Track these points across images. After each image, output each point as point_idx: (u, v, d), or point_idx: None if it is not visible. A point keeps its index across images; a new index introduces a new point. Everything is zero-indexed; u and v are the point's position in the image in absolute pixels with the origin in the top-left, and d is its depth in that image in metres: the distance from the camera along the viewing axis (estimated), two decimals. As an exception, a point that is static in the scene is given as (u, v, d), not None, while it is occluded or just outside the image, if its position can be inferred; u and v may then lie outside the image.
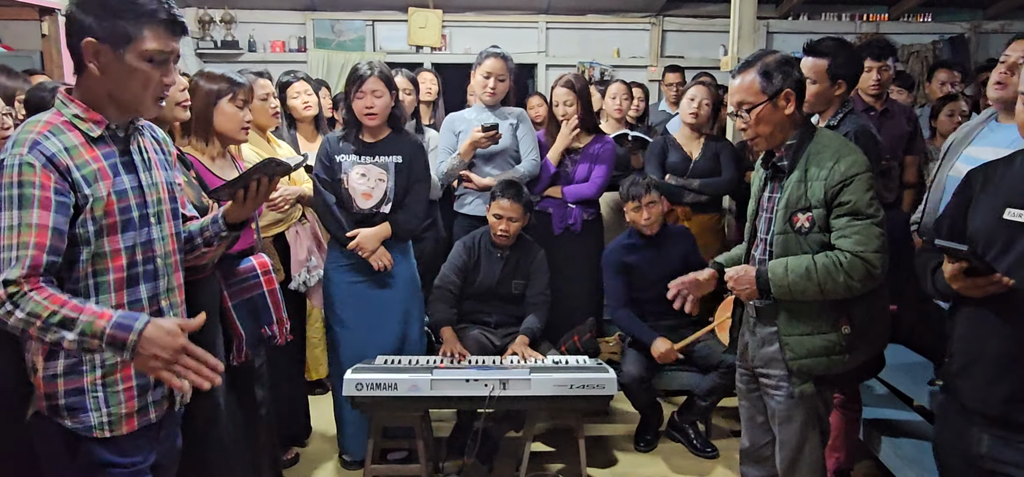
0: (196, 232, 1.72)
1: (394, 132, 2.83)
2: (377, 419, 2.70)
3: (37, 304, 1.33)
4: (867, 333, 2.00)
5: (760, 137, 2.02)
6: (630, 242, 3.22)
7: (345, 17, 6.43)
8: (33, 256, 1.34)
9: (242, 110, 2.37)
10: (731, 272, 2.10)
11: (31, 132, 1.40)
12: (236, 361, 2.25)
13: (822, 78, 2.48)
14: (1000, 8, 6.65)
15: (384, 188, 2.79)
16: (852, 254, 1.87)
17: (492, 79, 3.25)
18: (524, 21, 6.60)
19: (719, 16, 6.31)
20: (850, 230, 1.89)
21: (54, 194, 1.36)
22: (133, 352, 1.35)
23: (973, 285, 1.50)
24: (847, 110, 2.57)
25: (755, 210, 2.15)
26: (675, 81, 5.03)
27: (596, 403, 2.69)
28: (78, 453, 1.48)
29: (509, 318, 3.15)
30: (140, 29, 1.40)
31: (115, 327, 1.34)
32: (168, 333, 1.37)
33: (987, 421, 1.55)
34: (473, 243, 3.14)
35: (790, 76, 1.97)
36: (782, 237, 1.99)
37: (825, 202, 1.92)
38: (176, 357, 1.37)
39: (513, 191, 3.01)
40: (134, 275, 1.50)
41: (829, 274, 1.88)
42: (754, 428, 2.25)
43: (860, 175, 1.90)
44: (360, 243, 2.77)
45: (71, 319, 1.34)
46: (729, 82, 2.10)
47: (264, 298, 2.30)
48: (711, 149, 3.58)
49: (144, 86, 1.44)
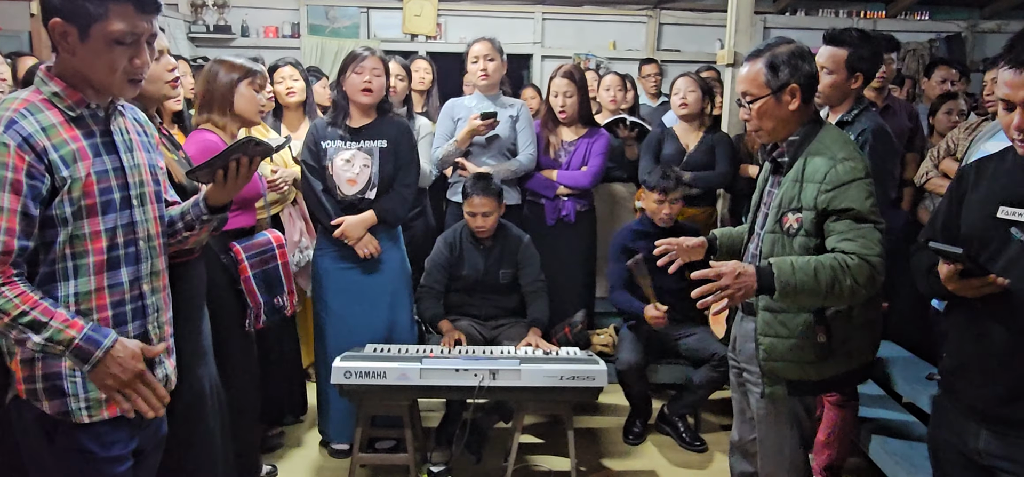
0: (177, 216, 1.68)
1: (380, 117, 2.80)
2: (365, 407, 2.68)
3: (7, 301, 1.32)
4: (846, 344, 1.94)
5: (762, 130, 1.95)
6: (641, 228, 3.20)
7: (339, 4, 6.39)
8: (4, 242, 1.32)
9: (259, 94, 2.48)
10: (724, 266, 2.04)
11: (8, 109, 1.36)
12: (254, 328, 2.41)
13: (840, 68, 2.40)
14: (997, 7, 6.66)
15: (368, 174, 2.76)
16: (859, 257, 1.79)
17: (481, 60, 3.23)
18: (520, 11, 6.56)
19: (716, 9, 6.30)
20: (854, 233, 1.81)
21: (26, 177, 1.33)
22: (94, 366, 1.39)
23: (968, 286, 1.49)
24: (863, 106, 2.50)
25: (757, 203, 2.09)
26: (652, 72, 5.00)
27: (586, 395, 2.68)
28: (56, 438, 1.45)
29: (497, 310, 3.13)
30: (104, 9, 1.35)
31: (85, 339, 1.37)
32: (132, 356, 1.42)
33: (984, 417, 1.55)
34: (454, 238, 3.12)
35: (799, 70, 1.88)
36: (771, 236, 1.93)
37: (816, 206, 1.84)
38: (132, 381, 1.42)
39: (482, 185, 2.98)
40: (115, 258, 1.47)
41: (836, 277, 1.78)
42: (743, 422, 2.23)
43: (860, 181, 1.82)
44: (345, 231, 2.75)
45: (41, 323, 1.34)
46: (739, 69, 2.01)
47: (278, 270, 2.44)
48: (707, 142, 3.55)
49: (111, 68, 1.39)
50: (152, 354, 1.46)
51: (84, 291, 1.43)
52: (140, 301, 1.52)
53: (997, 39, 6.55)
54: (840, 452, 2.67)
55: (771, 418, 2.03)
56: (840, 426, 2.62)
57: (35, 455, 1.49)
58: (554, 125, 3.40)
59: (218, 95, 2.40)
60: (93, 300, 1.44)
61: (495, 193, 3.00)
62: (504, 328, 3.08)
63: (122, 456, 1.51)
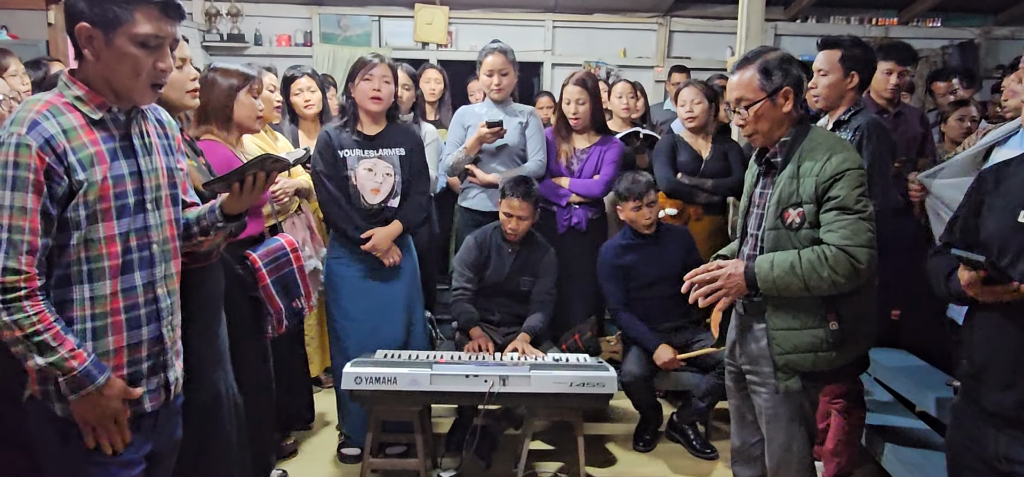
0: (193, 220, 1.71)
1: (390, 124, 2.82)
2: (376, 413, 2.69)
3: (25, 316, 1.36)
4: (855, 330, 1.99)
5: (758, 133, 2.02)
6: (626, 242, 3.19)
7: (351, 12, 6.43)
8: (29, 242, 1.35)
9: (256, 100, 2.46)
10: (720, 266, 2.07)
11: (30, 111, 1.39)
12: (277, 333, 2.41)
13: (835, 68, 2.48)
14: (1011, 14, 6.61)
15: (392, 182, 2.79)
16: (838, 248, 1.86)
17: (496, 76, 3.24)
18: (531, 19, 6.58)
19: (727, 17, 6.28)
20: (837, 224, 1.88)
21: (46, 178, 1.36)
22: (82, 397, 1.42)
23: (990, 292, 1.50)
24: (860, 107, 2.56)
25: (747, 206, 2.14)
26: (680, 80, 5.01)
27: (596, 401, 2.68)
28: (69, 440, 1.47)
29: (512, 316, 3.14)
30: (131, 12, 1.38)
31: (83, 372, 1.41)
32: (116, 396, 1.46)
33: (1003, 422, 1.55)
34: (485, 238, 3.13)
35: (789, 74, 1.97)
36: (773, 233, 1.98)
37: (816, 198, 1.91)
38: (108, 419, 1.45)
39: (523, 189, 2.99)
40: (129, 262, 1.48)
41: (813, 269, 1.87)
42: (744, 427, 2.24)
43: (850, 171, 1.89)
44: (376, 244, 2.76)
45: (49, 347, 1.38)
46: (729, 78, 2.10)
47: (294, 274, 2.43)
48: (720, 149, 3.56)
49: (135, 71, 1.42)
50: (132, 396, 1.49)
51: (100, 295, 1.44)
52: (154, 304, 1.54)
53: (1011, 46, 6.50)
54: (848, 460, 2.65)
55: (780, 416, 2.04)
56: (847, 433, 2.61)
57: (49, 455, 1.51)
58: (567, 133, 3.41)
59: (217, 105, 2.38)
60: (108, 304, 1.46)
61: (533, 200, 3.01)
62: (513, 335, 3.07)
63: (134, 459, 1.53)
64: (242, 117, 2.43)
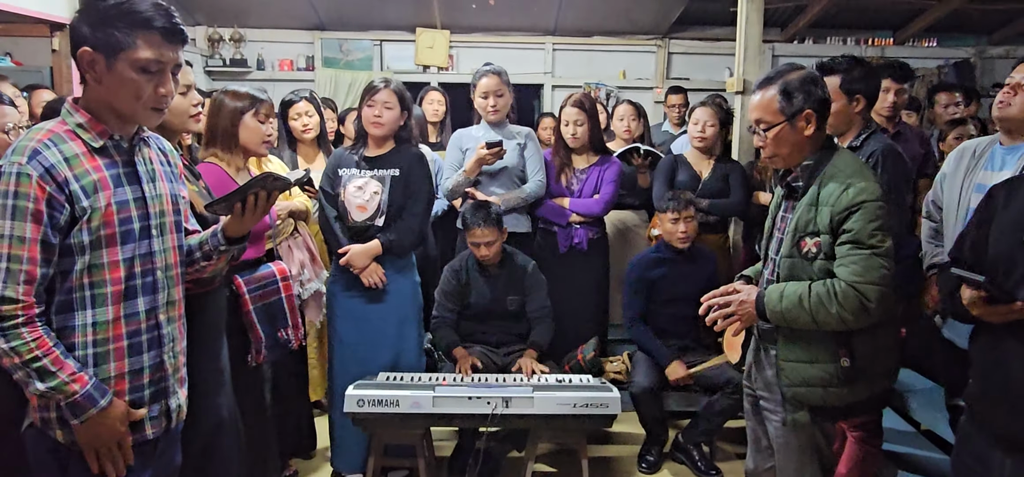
0: (195, 246, 1.70)
1: (397, 146, 2.84)
2: (378, 436, 2.68)
3: (23, 343, 1.35)
4: (869, 368, 1.91)
5: (778, 156, 1.96)
6: (658, 255, 3.20)
7: (353, 36, 6.50)
8: (28, 271, 1.35)
9: (264, 124, 2.45)
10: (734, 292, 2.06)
11: (32, 140, 1.40)
12: (255, 362, 2.34)
13: (837, 96, 2.39)
14: (1005, 33, 6.67)
15: (378, 201, 2.78)
16: (847, 284, 1.79)
17: (491, 97, 3.26)
18: (531, 42, 6.64)
19: (725, 39, 6.34)
20: (849, 259, 1.81)
21: (46, 207, 1.36)
22: (85, 421, 1.41)
23: (994, 312, 1.48)
24: (871, 131, 2.49)
25: (770, 229, 2.09)
26: (677, 102, 5.05)
27: (600, 422, 2.66)
28: (69, 469, 1.46)
29: (509, 336, 3.13)
30: (133, 38, 1.39)
31: (84, 395, 1.40)
32: (120, 420, 1.45)
33: (1009, 445, 1.53)
34: (461, 266, 3.13)
35: (812, 96, 1.88)
36: (789, 261, 1.92)
37: (831, 229, 1.84)
38: (112, 443, 1.44)
39: (482, 215, 2.99)
40: (132, 288, 1.48)
41: (821, 303, 1.80)
42: (759, 451, 2.20)
43: (867, 203, 1.80)
44: (350, 260, 2.76)
45: (49, 372, 1.37)
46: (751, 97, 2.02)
47: (281, 303, 2.37)
48: (720, 170, 3.57)
49: (136, 96, 1.43)
50: (136, 418, 1.49)
51: (102, 321, 1.44)
52: (156, 330, 1.53)
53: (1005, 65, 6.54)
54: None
55: (791, 446, 2.01)
56: (862, 460, 2.55)
57: (49, 484, 1.49)
58: (566, 153, 3.42)
59: (223, 128, 2.39)
60: (110, 330, 1.45)
61: (494, 221, 3.00)
62: (516, 354, 3.07)
63: (134, 488, 1.52)
64: (248, 141, 2.42)
